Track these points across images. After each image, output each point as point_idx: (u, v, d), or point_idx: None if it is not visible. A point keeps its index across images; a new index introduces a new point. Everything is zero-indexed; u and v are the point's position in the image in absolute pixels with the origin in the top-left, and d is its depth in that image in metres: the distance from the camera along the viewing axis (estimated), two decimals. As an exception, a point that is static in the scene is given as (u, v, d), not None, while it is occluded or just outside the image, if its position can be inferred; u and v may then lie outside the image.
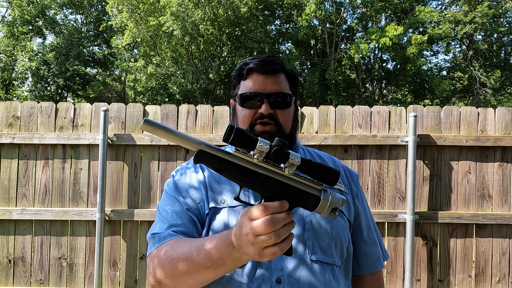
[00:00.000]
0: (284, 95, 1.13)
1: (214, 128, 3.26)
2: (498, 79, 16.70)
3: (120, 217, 3.18)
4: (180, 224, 1.04)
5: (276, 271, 1.00)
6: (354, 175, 1.24)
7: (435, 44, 19.22)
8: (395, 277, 3.20)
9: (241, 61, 1.20)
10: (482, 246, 3.20)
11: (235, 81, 1.21)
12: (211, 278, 0.91)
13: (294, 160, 0.78)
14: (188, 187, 1.12)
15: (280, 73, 1.16)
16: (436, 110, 3.26)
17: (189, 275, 0.91)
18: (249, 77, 1.15)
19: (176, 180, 1.15)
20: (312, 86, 15.95)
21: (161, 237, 1.02)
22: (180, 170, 1.18)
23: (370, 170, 3.23)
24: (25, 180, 3.24)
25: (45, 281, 3.21)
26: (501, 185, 3.20)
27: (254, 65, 1.13)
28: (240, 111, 1.15)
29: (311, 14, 15.15)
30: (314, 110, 3.29)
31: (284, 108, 1.13)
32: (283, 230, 0.75)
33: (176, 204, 1.09)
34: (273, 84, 1.13)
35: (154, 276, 0.97)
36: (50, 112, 3.26)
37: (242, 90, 1.16)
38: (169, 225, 1.05)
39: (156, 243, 1.01)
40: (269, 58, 1.15)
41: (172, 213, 1.07)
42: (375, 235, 1.23)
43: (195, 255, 0.89)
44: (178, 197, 1.10)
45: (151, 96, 17.00)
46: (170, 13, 14.04)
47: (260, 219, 0.75)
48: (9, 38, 17.95)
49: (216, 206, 1.07)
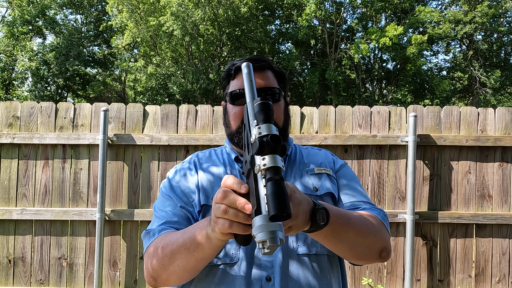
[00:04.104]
0: (273, 90, 1.15)
1: (214, 128, 3.26)
2: (498, 79, 16.69)
3: (120, 217, 3.18)
4: (175, 222, 1.06)
5: (266, 269, 1.01)
6: (338, 162, 1.24)
7: (435, 44, 19.23)
8: (395, 277, 3.20)
9: (229, 63, 1.22)
10: (482, 246, 3.20)
11: (224, 82, 1.22)
12: (192, 263, 0.90)
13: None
14: (182, 186, 1.14)
15: (267, 70, 1.18)
16: (436, 110, 3.26)
17: (175, 262, 0.92)
18: (237, 76, 1.17)
19: (171, 179, 1.17)
20: (312, 86, 15.95)
21: (155, 232, 1.04)
22: (175, 170, 1.20)
23: (370, 170, 3.23)
24: (25, 180, 3.24)
25: (45, 281, 3.21)
26: (501, 185, 3.20)
27: (241, 63, 1.15)
28: (231, 109, 1.17)
29: (311, 14, 15.15)
30: (314, 110, 3.29)
31: (274, 103, 1.14)
32: (232, 211, 0.71)
33: (171, 203, 1.11)
34: (261, 79, 1.14)
35: (148, 271, 0.99)
36: (50, 112, 3.26)
37: (231, 88, 1.17)
38: (163, 222, 1.07)
39: (151, 238, 1.04)
40: (256, 56, 1.17)
41: (167, 211, 1.09)
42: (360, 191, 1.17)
43: (180, 237, 0.92)
44: (172, 196, 1.12)
45: (151, 96, 17.01)
46: (170, 13, 14.03)
47: (221, 188, 0.74)
48: (9, 38, 17.94)
49: (208, 203, 1.08)
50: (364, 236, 0.96)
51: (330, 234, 0.87)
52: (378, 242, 1.00)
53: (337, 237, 0.90)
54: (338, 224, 0.88)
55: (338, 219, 0.88)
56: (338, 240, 0.92)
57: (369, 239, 0.97)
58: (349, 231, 0.92)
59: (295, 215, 0.75)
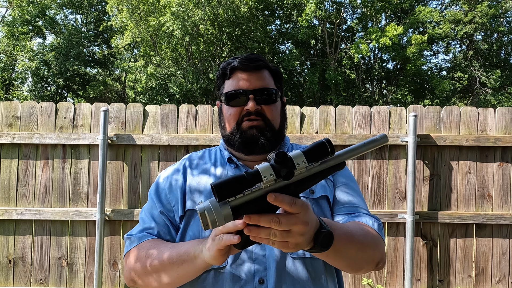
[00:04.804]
0: (269, 91, 1.12)
1: (214, 128, 3.26)
2: (498, 79, 16.69)
3: (120, 217, 3.18)
4: (153, 227, 1.09)
5: (259, 272, 1.00)
6: None
7: (435, 44, 19.22)
8: (395, 277, 3.20)
9: (224, 62, 1.19)
10: (482, 246, 3.20)
11: (219, 81, 1.19)
12: (174, 277, 0.95)
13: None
14: (167, 190, 1.14)
15: (264, 70, 1.15)
16: (436, 110, 3.26)
17: (157, 273, 0.97)
18: (233, 76, 1.14)
19: (159, 182, 1.18)
20: (312, 86, 15.94)
21: (135, 239, 1.08)
22: (166, 175, 1.19)
23: (370, 170, 3.23)
24: (25, 180, 3.24)
25: (45, 281, 3.21)
26: (501, 185, 3.20)
27: (237, 63, 1.12)
28: (226, 110, 1.14)
29: (311, 14, 15.15)
30: (314, 110, 3.29)
31: (271, 104, 1.12)
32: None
33: (153, 207, 1.13)
34: (258, 80, 1.12)
35: (129, 275, 1.04)
36: (50, 112, 3.26)
37: (227, 89, 1.15)
38: (143, 227, 1.10)
39: (132, 244, 1.08)
40: (251, 56, 1.14)
41: (149, 215, 1.12)
42: (358, 196, 1.16)
43: (166, 252, 0.96)
44: (156, 200, 1.14)
45: (151, 96, 17.00)
46: (170, 13, 14.03)
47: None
48: (9, 38, 17.93)
49: (193, 208, 1.08)
50: (364, 251, 0.95)
51: (332, 253, 0.86)
52: (376, 256, 0.99)
53: (338, 255, 0.89)
54: (341, 244, 0.87)
55: (342, 239, 0.87)
56: (339, 257, 0.91)
57: (368, 254, 0.96)
58: (351, 248, 0.91)
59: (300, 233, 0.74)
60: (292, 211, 0.72)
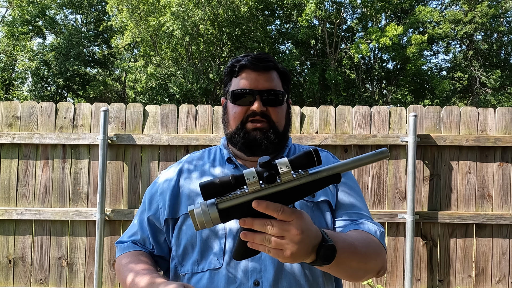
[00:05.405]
0: (276, 93, 1.11)
1: (214, 128, 3.26)
2: (498, 79, 16.69)
3: (120, 217, 3.18)
4: (139, 234, 1.14)
5: (254, 273, 0.99)
6: None
7: (435, 44, 19.21)
8: (395, 277, 3.20)
9: (233, 58, 1.18)
10: (482, 246, 3.20)
11: (226, 78, 1.18)
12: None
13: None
14: (159, 191, 1.15)
15: (273, 71, 1.13)
16: (436, 110, 3.26)
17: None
18: (241, 74, 1.13)
19: (156, 182, 1.19)
20: (312, 86, 15.94)
21: (123, 247, 1.13)
22: (164, 172, 1.20)
23: (370, 170, 3.23)
24: (25, 180, 3.24)
25: (45, 281, 3.21)
26: (501, 185, 3.20)
27: (246, 61, 1.11)
28: (231, 108, 1.13)
29: (311, 14, 15.14)
30: (314, 110, 3.29)
31: (277, 106, 1.11)
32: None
33: (143, 212, 1.16)
34: (266, 81, 1.10)
35: (118, 278, 1.11)
36: (50, 112, 3.26)
37: (234, 87, 1.13)
38: (131, 234, 1.15)
39: (120, 252, 1.13)
40: (262, 55, 1.12)
41: (138, 221, 1.16)
42: (361, 204, 1.14)
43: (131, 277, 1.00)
44: (147, 203, 1.16)
45: (151, 96, 16.99)
46: (170, 13, 14.02)
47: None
48: (9, 38, 17.93)
49: (186, 213, 1.08)
50: (366, 263, 0.93)
51: (334, 265, 0.83)
52: (378, 265, 0.98)
53: (341, 267, 0.87)
54: (344, 256, 0.85)
55: (345, 251, 0.85)
56: (341, 269, 0.89)
57: (371, 265, 0.95)
58: (353, 260, 0.89)
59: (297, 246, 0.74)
60: (282, 219, 0.73)
